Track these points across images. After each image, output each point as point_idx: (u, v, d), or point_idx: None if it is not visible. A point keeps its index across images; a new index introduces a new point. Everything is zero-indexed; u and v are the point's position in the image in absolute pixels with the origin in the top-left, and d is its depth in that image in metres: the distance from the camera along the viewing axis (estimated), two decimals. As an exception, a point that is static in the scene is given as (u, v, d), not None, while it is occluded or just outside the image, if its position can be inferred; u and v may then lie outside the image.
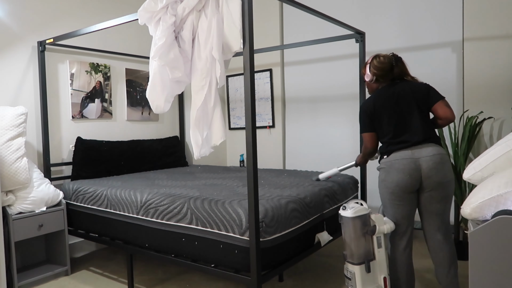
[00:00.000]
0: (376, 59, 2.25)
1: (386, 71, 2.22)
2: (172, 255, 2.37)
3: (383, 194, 2.21)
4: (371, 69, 2.26)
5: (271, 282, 2.73)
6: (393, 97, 2.19)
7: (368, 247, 2.12)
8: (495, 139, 3.18)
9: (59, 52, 3.43)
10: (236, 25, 1.95)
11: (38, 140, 3.29)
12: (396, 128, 2.16)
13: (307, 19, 4.22)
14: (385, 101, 2.19)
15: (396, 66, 2.23)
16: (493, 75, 3.18)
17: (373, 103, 2.22)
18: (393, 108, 2.17)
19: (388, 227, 2.13)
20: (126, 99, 3.96)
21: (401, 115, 2.16)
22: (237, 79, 4.76)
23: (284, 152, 4.49)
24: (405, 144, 2.13)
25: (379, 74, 2.23)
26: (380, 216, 2.15)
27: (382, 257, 2.15)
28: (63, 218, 2.94)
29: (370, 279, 2.12)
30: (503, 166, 1.49)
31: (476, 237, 1.25)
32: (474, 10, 3.22)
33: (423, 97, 2.16)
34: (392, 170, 2.13)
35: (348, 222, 2.10)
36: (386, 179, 2.16)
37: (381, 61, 2.23)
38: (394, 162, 2.12)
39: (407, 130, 2.15)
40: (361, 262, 2.09)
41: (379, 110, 2.20)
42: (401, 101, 2.17)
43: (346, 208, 2.12)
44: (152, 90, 2.21)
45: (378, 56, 2.26)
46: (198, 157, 2.16)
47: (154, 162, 3.98)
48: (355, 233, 2.09)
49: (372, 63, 2.25)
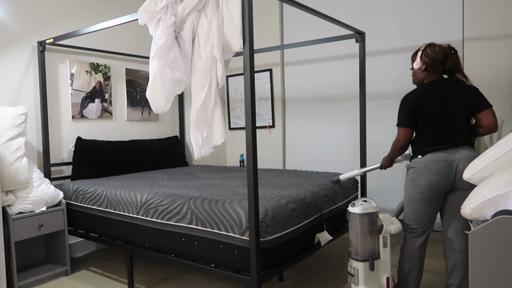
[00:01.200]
0: (430, 47, 2.16)
1: (438, 61, 2.13)
2: (172, 255, 2.37)
3: (410, 194, 2.17)
4: (422, 57, 2.16)
5: (271, 282, 2.73)
6: (442, 96, 2.12)
7: (373, 246, 2.13)
8: (495, 139, 3.18)
9: (59, 52, 3.43)
10: (236, 25, 1.95)
11: (38, 140, 3.29)
12: (438, 129, 2.11)
13: (307, 19, 4.22)
14: (434, 99, 2.12)
15: (450, 59, 2.14)
16: (493, 75, 3.18)
17: (420, 98, 2.13)
18: (441, 108, 2.11)
19: (395, 228, 2.13)
20: (126, 99, 3.96)
21: (446, 117, 2.11)
22: (237, 79, 4.76)
23: (284, 152, 4.49)
24: (443, 146, 2.10)
25: (430, 64, 2.14)
26: (388, 216, 2.15)
27: (387, 257, 2.15)
28: (63, 218, 2.94)
29: (373, 277, 2.13)
30: (503, 166, 1.49)
31: (476, 237, 1.25)
32: (474, 10, 3.22)
33: (471, 102, 2.12)
34: (426, 170, 2.10)
35: (356, 218, 2.12)
36: (417, 179, 2.13)
37: (435, 50, 2.14)
38: (430, 163, 2.10)
39: (448, 132, 2.11)
40: (365, 259, 2.10)
41: (425, 107, 2.12)
42: (450, 102, 2.11)
43: (355, 205, 2.13)
44: (152, 90, 2.21)
45: (433, 45, 2.16)
46: (199, 157, 2.16)
47: (154, 162, 3.98)
48: (361, 230, 2.11)
49: (425, 51, 2.16)
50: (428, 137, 2.13)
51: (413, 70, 2.26)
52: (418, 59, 2.18)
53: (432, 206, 2.15)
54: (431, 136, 2.13)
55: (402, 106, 2.20)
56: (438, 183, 2.09)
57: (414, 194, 2.16)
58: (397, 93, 3.67)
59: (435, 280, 2.68)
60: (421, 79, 2.22)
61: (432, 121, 2.12)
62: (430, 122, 2.12)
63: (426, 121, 2.13)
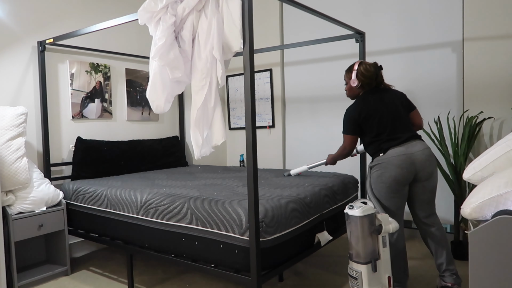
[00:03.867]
0: (363, 66, 2.44)
1: (372, 78, 2.43)
2: (172, 255, 2.37)
3: (379, 189, 2.36)
4: (358, 76, 2.43)
5: (271, 282, 2.73)
6: (382, 100, 2.40)
7: (374, 247, 2.13)
8: (495, 139, 3.18)
9: (59, 52, 3.43)
10: (236, 25, 1.95)
11: (38, 140, 3.29)
12: (391, 127, 2.36)
13: (307, 19, 4.22)
14: (376, 105, 2.38)
15: (379, 74, 2.46)
16: (493, 75, 3.18)
17: (363, 108, 2.39)
18: (385, 110, 2.37)
19: (393, 227, 2.13)
20: (126, 99, 3.96)
21: (392, 116, 2.37)
22: (237, 79, 4.76)
23: (284, 152, 4.49)
24: (398, 141, 2.33)
25: (366, 82, 2.43)
26: (385, 215, 2.16)
27: (386, 256, 2.16)
28: (63, 218, 2.94)
29: (376, 278, 2.12)
30: (503, 166, 1.49)
31: (476, 237, 1.25)
32: (474, 10, 3.22)
33: (405, 102, 2.47)
34: (390, 166, 2.30)
35: (356, 221, 2.09)
36: (383, 175, 2.32)
37: (367, 68, 2.43)
38: (392, 159, 2.30)
39: (397, 130, 2.36)
40: (368, 262, 2.09)
41: (370, 114, 2.37)
42: (390, 104, 2.40)
43: (354, 207, 2.11)
44: (152, 90, 2.21)
45: (364, 63, 2.45)
46: (199, 157, 2.16)
47: (154, 162, 3.98)
48: (362, 232, 2.09)
49: (359, 70, 2.43)
50: (383, 137, 2.36)
51: (348, 86, 2.54)
52: (354, 77, 2.44)
53: (400, 197, 2.35)
54: (385, 136, 2.36)
55: (346, 117, 2.44)
56: (402, 175, 2.30)
57: (383, 189, 2.34)
58: (397, 93, 3.67)
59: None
60: (356, 94, 2.52)
61: (383, 123, 2.36)
62: (381, 124, 2.36)
63: (374, 125, 2.37)
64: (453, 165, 3.10)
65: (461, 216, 3.10)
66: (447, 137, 3.36)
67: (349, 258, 2.14)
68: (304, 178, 2.98)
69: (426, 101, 3.52)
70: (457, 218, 3.13)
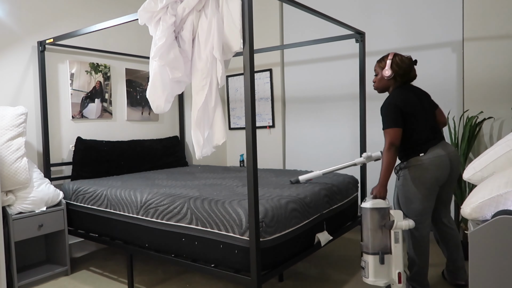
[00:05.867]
0: (399, 56, 2.29)
1: (406, 71, 2.29)
2: (172, 255, 2.37)
3: (415, 191, 2.24)
4: (392, 66, 2.28)
5: (271, 282, 2.73)
6: (418, 97, 2.30)
7: (385, 241, 2.17)
8: (495, 139, 3.18)
9: (59, 52, 3.43)
10: (236, 25, 1.95)
11: (38, 140, 3.29)
12: (428, 127, 2.28)
13: (307, 19, 4.22)
14: (415, 101, 2.27)
15: (413, 69, 2.33)
16: (493, 75, 3.18)
17: (406, 97, 2.25)
18: (421, 108, 2.28)
19: (406, 224, 2.16)
20: (126, 99, 3.96)
21: (427, 115, 2.30)
22: (237, 79, 4.76)
23: (284, 152, 4.49)
24: (434, 141, 2.27)
25: (400, 73, 2.29)
26: (400, 212, 2.19)
27: (398, 253, 2.17)
28: (63, 218, 2.94)
29: (384, 271, 2.17)
30: (503, 166, 1.49)
31: (476, 237, 1.25)
32: (474, 10, 3.22)
33: (431, 101, 2.39)
34: (432, 166, 2.21)
35: (366, 212, 2.18)
36: (423, 176, 2.22)
37: (403, 60, 2.29)
38: (434, 159, 2.22)
39: (432, 129, 2.30)
40: (375, 253, 2.15)
41: (412, 105, 2.25)
42: (424, 102, 2.32)
43: (367, 200, 2.21)
44: (152, 90, 2.21)
45: (400, 55, 2.30)
46: (200, 157, 2.16)
47: (154, 162, 3.98)
48: (372, 224, 2.17)
49: (394, 60, 2.28)
50: (422, 136, 2.26)
51: (379, 76, 2.37)
52: (388, 68, 2.29)
53: (434, 198, 2.29)
54: (424, 135, 2.26)
55: (390, 108, 2.23)
56: (443, 176, 2.25)
57: (421, 191, 2.24)
58: (397, 93, 3.67)
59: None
60: (386, 87, 2.38)
61: (420, 121, 2.26)
62: (419, 122, 2.26)
63: (415, 122, 2.25)
64: (453, 165, 3.10)
65: (461, 216, 3.10)
66: (447, 137, 3.36)
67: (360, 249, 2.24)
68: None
69: (426, 101, 3.52)
70: (457, 218, 3.13)
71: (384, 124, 2.24)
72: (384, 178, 2.20)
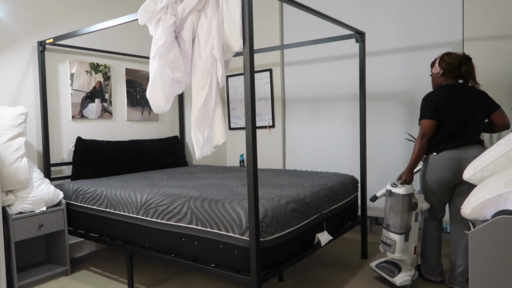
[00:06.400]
0: (447, 55, 2.48)
1: (454, 67, 2.44)
2: (172, 255, 2.37)
3: (423, 185, 2.54)
4: (440, 63, 2.48)
5: (271, 282, 2.73)
6: (459, 97, 2.40)
7: (408, 220, 2.48)
8: (495, 139, 3.18)
9: (59, 52, 3.43)
10: (236, 25, 1.95)
11: (38, 140, 3.29)
12: (452, 127, 2.39)
13: (307, 19, 4.22)
14: (452, 98, 2.39)
15: (465, 65, 2.44)
16: (493, 75, 3.18)
17: (442, 94, 2.41)
18: (458, 107, 2.39)
19: (425, 206, 2.51)
20: (126, 99, 3.96)
21: (462, 116, 2.38)
22: (237, 79, 4.76)
23: (284, 152, 4.49)
24: (456, 143, 2.39)
25: (447, 69, 2.45)
26: (421, 196, 2.53)
27: (416, 229, 2.53)
28: (63, 218, 2.94)
29: (406, 246, 2.51)
30: (503, 166, 1.49)
31: (476, 237, 1.25)
32: (474, 10, 3.22)
33: (484, 104, 2.42)
34: (437, 167, 2.43)
35: (399, 198, 2.45)
36: (428, 173, 2.48)
37: (451, 57, 2.46)
38: (442, 161, 2.41)
39: (462, 131, 2.40)
40: (402, 232, 2.46)
41: (445, 103, 2.39)
42: (465, 103, 2.39)
43: (397, 186, 2.47)
44: (152, 90, 2.21)
45: (450, 53, 2.49)
46: (200, 157, 2.16)
47: (154, 162, 3.98)
48: (402, 207, 2.44)
49: (443, 58, 2.48)
50: (444, 135, 2.41)
51: (432, 75, 2.57)
52: (437, 65, 2.50)
53: (442, 196, 2.49)
54: (449, 135, 2.41)
55: (425, 101, 2.45)
56: (446, 179, 2.41)
57: (425, 186, 2.53)
58: (397, 93, 3.67)
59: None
60: (439, 83, 2.53)
61: (448, 120, 2.39)
62: (447, 120, 2.40)
63: (443, 119, 2.41)
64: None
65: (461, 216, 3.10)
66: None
67: (386, 228, 2.54)
68: (304, 178, 2.98)
69: (426, 101, 3.52)
70: (457, 218, 3.12)
71: (420, 115, 2.47)
72: (412, 164, 2.46)
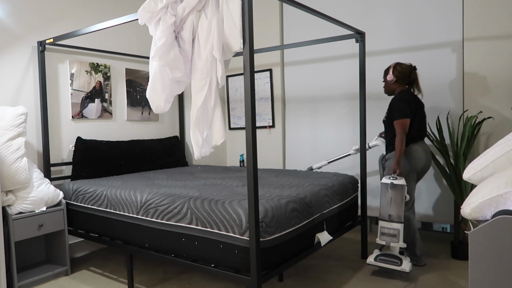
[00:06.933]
0: (399, 64, 2.96)
1: (406, 75, 2.94)
2: (172, 255, 2.37)
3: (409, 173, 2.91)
4: (394, 72, 2.95)
5: (271, 282, 2.73)
6: (416, 99, 2.94)
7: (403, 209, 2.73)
8: (495, 139, 3.18)
9: (59, 52, 3.43)
10: (236, 25, 1.95)
11: (38, 140, 3.29)
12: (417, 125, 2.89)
13: (307, 19, 4.22)
14: (415, 100, 2.91)
15: (413, 73, 2.95)
16: (493, 75, 3.18)
17: (410, 97, 2.89)
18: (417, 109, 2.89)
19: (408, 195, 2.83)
20: (126, 99, 3.96)
21: (419, 116, 2.91)
22: (237, 79, 4.76)
23: (284, 152, 4.49)
24: (419, 139, 2.93)
25: (400, 76, 2.94)
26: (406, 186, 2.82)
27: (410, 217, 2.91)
28: (63, 218, 2.94)
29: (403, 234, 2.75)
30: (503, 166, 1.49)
31: (476, 237, 1.25)
32: (474, 10, 3.22)
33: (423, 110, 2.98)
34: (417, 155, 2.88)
35: (401, 189, 2.71)
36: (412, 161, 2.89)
37: (402, 67, 2.95)
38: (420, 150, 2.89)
39: (421, 128, 2.93)
40: (402, 221, 2.72)
41: (414, 104, 2.87)
42: (418, 106, 2.92)
43: (397, 178, 2.73)
44: (152, 90, 2.21)
45: (400, 63, 2.97)
46: (199, 157, 2.16)
47: (154, 162, 3.98)
48: (402, 198, 2.71)
49: (395, 67, 2.96)
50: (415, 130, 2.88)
51: (386, 82, 3.03)
52: (391, 73, 2.96)
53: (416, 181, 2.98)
54: (418, 130, 2.90)
55: (402, 101, 2.86)
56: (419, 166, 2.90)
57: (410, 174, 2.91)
58: (397, 93, 3.67)
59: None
60: (392, 89, 3.02)
61: (417, 118, 2.88)
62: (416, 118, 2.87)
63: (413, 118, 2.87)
64: (453, 165, 3.10)
65: (461, 216, 3.10)
66: (447, 137, 3.36)
67: (388, 220, 2.73)
68: (304, 178, 2.98)
69: (426, 101, 3.51)
70: (457, 218, 3.13)
71: (396, 115, 2.83)
72: (399, 158, 2.79)
